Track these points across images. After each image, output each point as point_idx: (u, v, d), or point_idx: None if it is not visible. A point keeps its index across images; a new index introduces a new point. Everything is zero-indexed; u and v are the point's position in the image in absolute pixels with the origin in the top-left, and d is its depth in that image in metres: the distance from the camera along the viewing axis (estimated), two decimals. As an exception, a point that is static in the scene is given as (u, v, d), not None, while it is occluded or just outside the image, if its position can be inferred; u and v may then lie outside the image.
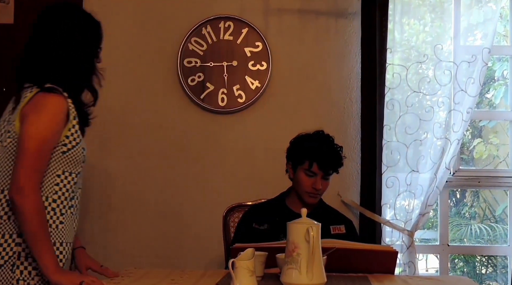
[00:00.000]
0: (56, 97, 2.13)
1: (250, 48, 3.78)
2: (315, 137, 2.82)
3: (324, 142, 2.80)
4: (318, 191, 2.76)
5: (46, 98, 2.11)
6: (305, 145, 2.81)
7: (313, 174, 2.76)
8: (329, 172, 2.76)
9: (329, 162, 2.75)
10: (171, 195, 3.76)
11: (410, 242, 3.58)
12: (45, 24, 2.25)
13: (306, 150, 2.79)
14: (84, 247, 2.45)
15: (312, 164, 2.75)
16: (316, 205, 2.86)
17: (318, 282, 1.98)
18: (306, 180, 2.78)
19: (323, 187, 2.78)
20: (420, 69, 3.66)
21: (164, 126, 3.80)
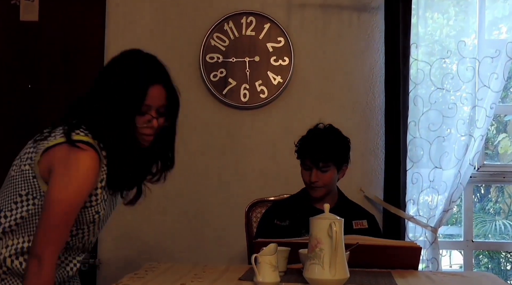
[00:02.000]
0: (89, 155, 1.86)
1: (272, 43, 3.77)
2: (309, 131, 2.85)
3: (315, 135, 2.81)
4: (314, 183, 2.77)
5: (78, 155, 1.84)
6: (301, 140, 2.84)
7: (308, 167, 2.79)
8: (320, 164, 2.75)
9: (317, 155, 2.75)
10: (194, 191, 3.77)
11: (433, 238, 3.55)
12: (105, 74, 2.05)
13: (300, 145, 2.83)
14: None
15: (305, 158, 2.79)
16: (338, 200, 2.86)
17: (341, 277, 1.97)
18: (304, 173, 2.83)
19: (321, 180, 2.77)
20: (443, 64, 3.63)
21: (187, 122, 3.80)
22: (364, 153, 3.69)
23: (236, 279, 2.17)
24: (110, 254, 3.72)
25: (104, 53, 3.83)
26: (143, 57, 2.10)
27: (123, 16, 3.86)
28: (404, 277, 2.31)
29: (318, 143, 2.77)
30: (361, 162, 3.66)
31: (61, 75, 3.84)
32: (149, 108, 1.98)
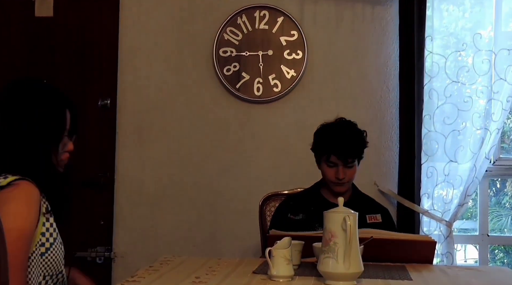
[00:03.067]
0: (26, 182, 1.76)
1: (285, 37, 3.76)
2: (331, 127, 2.78)
3: (339, 131, 2.75)
4: (341, 180, 2.74)
5: (19, 184, 1.74)
6: (322, 136, 2.79)
7: (334, 164, 2.74)
8: (348, 160, 2.72)
9: (345, 151, 2.71)
10: (208, 184, 3.78)
11: (448, 232, 3.54)
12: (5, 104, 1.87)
13: (323, 141, 2.77)
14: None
15: (330, 155, 2.73)
16: (351, 194, 2.84)
17: (355, 271, 1.96)
18: (329, 170, 2.76)
19: (347, 175, 2.75)
20: (459, 57, 3.60)
21: (200, 116, 3.82)
22: (378, 147, 3.68)
23: (250, 272, 2.17)
24: (125, 247, 3.75)
25: (118, 48, 3.85)
26: (41, 85, 1.94)
27: (137, 11, 3.87)
28: (419, 271, 2.30)
29: (345, 139, 2.72)
30: (375, 156, 3.65)
31: (75, 70, 3.86)
32: (64, 133, 1.93)
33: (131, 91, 3.85)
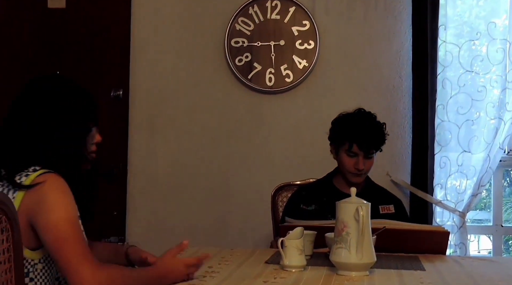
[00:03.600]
0: (57, 175, 1.75)
1: (297, 27, 3.75)
2: (353, 117, 2.76)
3: (363, 121, 2.74)
4: (361, 170, 2.73)
5: (45, 177, 1.72)
6: (344, 125, 2.76)
7: (354, 154, 2.72)
8: (370, 151, 2.72)
9: (368, 142, 2.70)
10: (219, 175, 3.79)
11: (461, 223, 3.52)
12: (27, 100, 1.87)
13: (345, 131, 2.74)
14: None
15: (352, 144, 2.71)
16: (364, 185, 2.84)
17: (368, 261, 1.96)
18: (348, 160, 2.75)
19: (366, 166, 2.74)
20: (473, 46, 3.57)
21: (212, 106, 3.82)
22: (390, 137, 3.62)
23: (262, 263, 2.18)
24: (138, 237, 3.76)
25: (130, 39, 3.85)
26: (67, 80, 1.94)
27: (149, 2, 3.87)
28: (432, 261, 2.30)
29: (368, 130, 2.71)
30: (388, 146, 3.60)
31: (88, 62, 3.88)
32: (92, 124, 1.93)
33: (143, 82, 3.85)
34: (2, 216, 1.53)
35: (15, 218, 1.57)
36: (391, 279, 1.94)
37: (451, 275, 2.07)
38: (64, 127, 1.83)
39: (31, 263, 1.73)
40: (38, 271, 1.73)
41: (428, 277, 1.98)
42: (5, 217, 1.54)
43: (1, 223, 1.53)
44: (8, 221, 1.54)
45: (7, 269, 1.55)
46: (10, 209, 1.55)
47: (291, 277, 1.93)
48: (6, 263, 1.55)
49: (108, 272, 1.66)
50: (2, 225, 1.54)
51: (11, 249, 1.55)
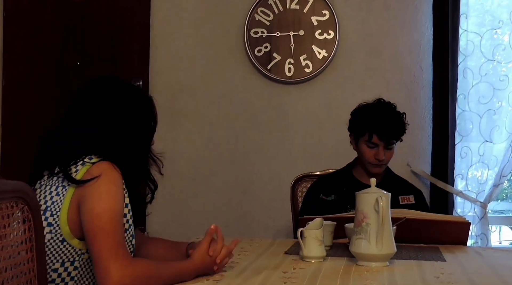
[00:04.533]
0: (112, 164, 1.76)
1: (317, 17, 3.73)
2: (373, 108, 2.74)
3: (383, 112, 2.71)
4: (381, 161, 2.72)
5: (103, 165, 1.74)
6: (363, 116, 2.74)
7: (374, 145, 2.70)
8: (390, 142, 2.70)
9: (389, 132, 2.68)
10: (239, 165, 3.79)
11: (482, 214, 3.50)
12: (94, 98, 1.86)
13: (365, 121, 2.72)
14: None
15: (372, 135, 2.69)
16: (384, 175, 2.82)
17: (388, 252, 1.95)
18: (368, 151, 2.72)
19: (386, 157, 2.72)
20: (495, 35, 3.53)
21: (231, 97, 3.82)
22: (411, 127, 3.60)
23: (282, 253, 2.18)
24: (158, 227, 3.78)
25: (150, 30, 3.86)
26: (130, 84, 1.98)
27: (168, -8, 3.87)
28: (453, 252, 2.28)
29: (388, 120, 2.68)
30: (408, 137, 3.57)
31: (108, 52, 3.90)
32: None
33: (163, 73, 3.86)
34: (24, 205, 1.54)
35: (37, 208, 1.58)
36: (411, 270, 1.93)
37: (472, 266, 2.05)
38: (135, 126, 1.86)
39: (78, 253, 1.74)
40: (83, 260, 1.75)
41: (448, 268, 1.97)
42: (27, 207, 1.55)
43: (23, 213, 1.55)
44: (30, 211, 1.55)
45: (29, 259, 1.57)
46: (32, 199, 1.56)
47: (311, 267, 1.93)
48: (29, 253, 1.56)
49: (135, 269, 1.63)
50: (24, 215, 1.55)
51: (33, 239, 1.57)
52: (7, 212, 1.49)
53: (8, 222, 1.49)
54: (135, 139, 1.86)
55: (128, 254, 1.68)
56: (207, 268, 1.79)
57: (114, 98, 1.86)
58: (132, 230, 1.81)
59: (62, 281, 1.74)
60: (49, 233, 1.71)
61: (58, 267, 1.73)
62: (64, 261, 1.74)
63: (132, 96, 1.89)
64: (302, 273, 1.85)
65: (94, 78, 1.92)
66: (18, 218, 1.54)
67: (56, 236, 1.71)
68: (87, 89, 1.88)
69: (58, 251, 1.73)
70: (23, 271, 1.54)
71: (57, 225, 1.71)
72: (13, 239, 1.52)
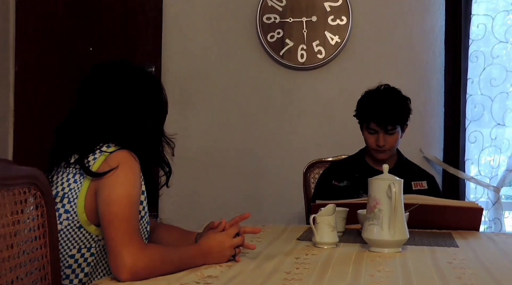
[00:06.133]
0: (128, 152, 1.75)
1: (329, 2, 3.71)
2: (372, 94, 2.74)
3: (379, 98, 2.71)
4: (381, 147, 2.71)
5: (120, 154, 1.74)
6: (363, 103, 2.75)
7: (374, 131, 2.70)
8: (388, 127, 2.68)
9: (385, 117, 2.66)
10: (251, 151, 3.79)
11: (496, 199, 3.48)
12: (110, 83, 1.85)
13: (364, 108, 2.74)
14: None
15: (370, 121, 2.70)
16: (397, 161, 2.81)
17: (401, 238, 1.95)
18: (369, 137, 2.73)
19: (388, 143, 2.70)
20: (507, 18, 3.49)
21: (244, 83, 3.81)
22: (424, 113, 3.62)
23: (294, 239, 2.18)
24: (170, 213, 3.80)
25: (162, 15, 3.86)
26: (139, 68, 1.95)
27: (180, -22, 3.86)
28: (465, 238, 2.28)
29: (385, 106, 2.68)
30: (421, 122, 3.59)
31: (121, 38, 3.91)
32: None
33: (175, 58, 3.86)
34: (37, 191, 1.56)
35: (49, 194, 1.60)
36: (424, 256, 1.93)
37: (485, 252, 2.05)
38: (148, 109, 1.85)
39: (95, 239, 1.75)
40: (100, 247, 1.76)
41: (461, 254, 1.97)
42: (40, 193, 1.56)
43: (36, 198, 1.56)
44: (42, 197, 1.57)
45: (43, 245, 1.58)
46: (44, 185, 1.57)
47: (323, 253, 1.94)
48: (41, 239, 1.58)
49: (148, 255, 1.62)
50: (36, 200, 1.56)
51: (46, 225, 1.58)
52: (20, 198, 1.51)
53: (21, 208, 1.51)
54: (148, 123, 1.86)
55: (141, 240, 1.68)
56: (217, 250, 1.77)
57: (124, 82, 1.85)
58: (147, 217, 1.82)
59: (78, 267, 1.75)
60: (66, 219, 1.72)
61: (75, 253, 1.75)
62: (81, 247, 1.75)
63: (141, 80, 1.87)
64: (315, 259, 1.86)
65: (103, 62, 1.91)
66: (31, 204, 1.55)
67: (73, 222, 1.72)
68: (98, 75, 1.87)
69: (75, 237, 1.74)
70: (37, 256, 1.56)
71: (74, 212, 1.72)
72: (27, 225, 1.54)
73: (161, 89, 1.92)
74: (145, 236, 1.79)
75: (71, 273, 1.75)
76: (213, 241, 1.78)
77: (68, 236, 1.73)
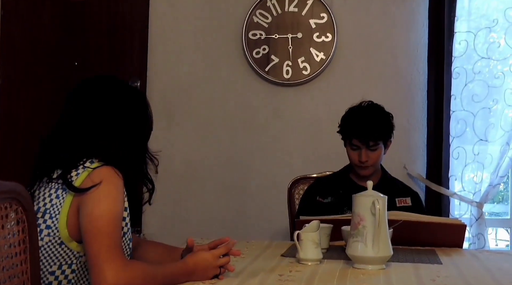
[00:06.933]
0: (111, 168, 1.74)
1: (315, 19, 3.73)
2: (354, 110, 2.76)
3: (361, 114, 2.73)
4: (363, 163, 2.72)
5: (104, 170, 1.72)
6: (345, 119, 2.78)
7: (357, 147, 2.72)
8: (370, 144, 2.70)
9: (366, 133, 2.68)
10: (236, 167, 3.79)
11: (479, 214, 3.49)
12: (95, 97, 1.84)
13: (346, 125, 2.76)
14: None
15: (352, 137, 2.72)
16: (381, 177, 2.82)
17: (384, 255, 1.95)
18: (352, 153, 2.74)
19: (371, 158, 2.72)
20: (490, 34, 3.53)
21: (229, 98, 3.82)
22: (408, 129, 3.64)
23: (278, 255, 2.18)
24: (154, 228, 3.78)
25: (148, 30, 3.86)
26: (125, 83, 1.95)
27: (166, -7, 3.87)
28: (449, 255, 2.28)
29: (366, 122, 2.70)
30: (405, 139, 3.61)
31: (106, 52, 3.90)
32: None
33: (160, 73, 3.86)
34: (18, 207, 1.54)
35: (31, 209, 1.58)
36: (408, 273, 1.93)
37: (468, 268, 2.05)
38: (132, 125, 1.85)
39: (76, 255, 1.74)
40: (81, 263, 1.75)
41: (445, 271, 1.97)
42: (21, 208, 1.54)
43: (17, 214, 1.54)
44: (24, 212, 1.55)
45: (23, 260, 1.56)
46: (26, 201, 1.56)
47: (307, 270, 1.93)
48: (22, 254, 1.56)
49: (130, 272, 1.61)
50: (18, 216, 1.55)
51: (26, 241, 1.56)
52: (1, 213, 1.49)
53: (2, 223, 1.49)
54: (132, 139, 1.85)
55: (124, 257, 1.67)
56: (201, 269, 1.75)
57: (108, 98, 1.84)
58: (130, 234, 1.81)
59: (59, 284, 1.73)
60: (47, 235, 1.71)
61: (55, 270, 1.73)
62: (61, 264, 1.73)
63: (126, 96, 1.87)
64: (299, 275, 1.85)
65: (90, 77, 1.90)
66: (12, 219, 1.53)
67: (54, 238, 1.71)
68: (83, 90, 1.87)
69: (56, 254, 1.72)
70: (17, 273, 1.54)
71: (56, 228, 1.71)
72: (7, 241, 1.52)
73: (146, 106, 1.91)
74: (127, 253, 1.78)
75: None
76: (200, 260, 1.76)
77: (49, 252, 1.71)
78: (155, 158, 1.94)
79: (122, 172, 1.76)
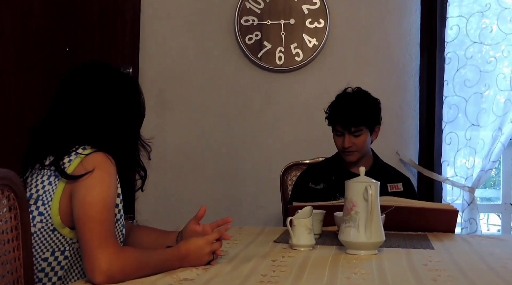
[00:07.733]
0: (104, 154, 1.74)
1: (307, 5, 3.72)
2: (339, 97, 2.79)
3: (343, 100, 2.76)
4: (347, 148, 2.73)
5: (96, 156, 1.72)
6: (330, 106, 2.80)
7: (341, 133, 2.74)
8: (351, 129, 2.70)
9: (347, 119, 2.70)
10: (229, 153, 3.79)
11: (471, 199, 3.51)
12: (86, 83, 1.83)
13: (330, 111, 2.78)
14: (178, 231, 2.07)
15: (336, 123, 2.74)
16: (373, 163, 2.83)
17: (377, 240, 1.96)
18: (337, 139, 2.78)
19: (355, 144, 2.73)
20: (482, 19, 3.52)
21: (222, 85, 3.81)
22: (400, 115, 3.65)
23: (271, 241, 2.18)
24: (147, 215, 3.77)
25: (140, 16, 3.84)
26: (117, 70, 1.94)
27: (158, -21, 3.84)
28: (441, 240, 2.29)
29: (347, 108, 2.72)
30: (397, 125, 3.62)
31: (98, 38, 3.87)
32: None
33: (153, 60, 3.84)
34: (11, 193, 1.54)
35: (23, 196, 1.58)
36: (400, 258, 1.94)
37: (460, 253, 2.07)
38: (125, 112, 1.84)
39: (69, 242, 1.73)
40: (74, 250, 1.75)
41: (437, 256, 1.98)
42: (13, 195, 1.54)
43: (9, 200, 1.54)
44: (16, 199, 1.55)
45: (16, 247, 1.56)
46: (18, 187, 1.56)
47: (300, 256, 1.94)
48: (14, 241, 1.56)
49: (124, 258, 1.61)
50: (10, 202, 1.54)
51: (19, 227, 1.56)
52: (-7, 200, 1.49)
53: (-7, 210, 1.49)
54: (124, 126, 1.85)
55: (117, 243, 1.67)
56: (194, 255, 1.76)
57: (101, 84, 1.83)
58: (123, 220, 1.81)
59: (51, 270, 1.73)
60: (40, 222, 1.71)
61: (48, 257, 1.73)
62: (54, 251, 1.73)
63: (119, 82, 1.86)
64: (291, 261, 1.86)
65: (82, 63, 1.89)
66: (4, 206, 1.53)
67: (47, 225, 1.71)
68: (75, 76, 1.86)
69: (48, 240, 1.72)
70: (9, 259, 1.54)
71: (48, 215, 1.70)
72: (-1, 227, 1.52)
73: (139, 93, 1.90)
74: (120, 239, 1.78)
75: (44, 277, 1.73)
76: (193, 246, 1.77)
77: (41, 239, 1.71)
78: (147, 144, 1.94)
79: (115, 158, 1.76)
